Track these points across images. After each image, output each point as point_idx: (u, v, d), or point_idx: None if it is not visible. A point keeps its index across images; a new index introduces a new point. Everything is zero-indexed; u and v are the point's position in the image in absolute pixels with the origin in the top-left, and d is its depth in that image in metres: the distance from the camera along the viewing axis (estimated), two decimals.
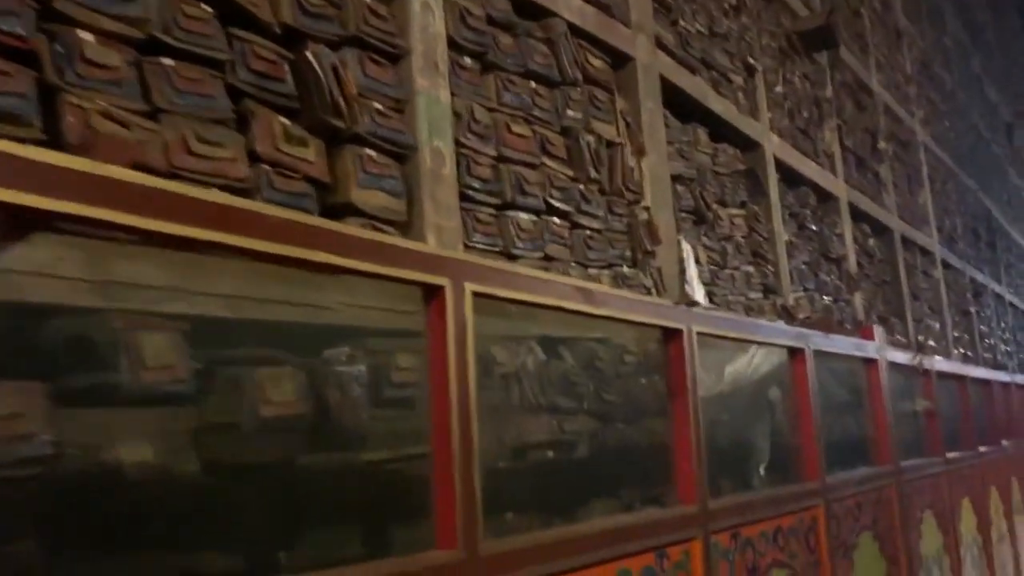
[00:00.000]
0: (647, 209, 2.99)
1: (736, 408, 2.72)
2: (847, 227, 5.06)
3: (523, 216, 2.36)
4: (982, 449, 4.35)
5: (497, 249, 2.25)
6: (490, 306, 2.06)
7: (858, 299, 4.97)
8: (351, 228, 1.57)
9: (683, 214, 3.33)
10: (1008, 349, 9.30)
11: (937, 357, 4.06)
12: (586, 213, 2.67)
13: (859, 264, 5.32)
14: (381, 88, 1.95)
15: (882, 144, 5.98)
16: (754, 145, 4.04)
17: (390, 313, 1.78)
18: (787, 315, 3.83)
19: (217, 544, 1.41)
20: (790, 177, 4.46)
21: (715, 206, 3.61)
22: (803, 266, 4.43)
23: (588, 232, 2.66)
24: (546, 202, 2.47)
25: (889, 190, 6.06)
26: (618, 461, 2.45)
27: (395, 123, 1.96)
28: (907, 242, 6.31)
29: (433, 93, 2.06)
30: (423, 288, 1.30)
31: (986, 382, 4.88)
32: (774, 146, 4.20)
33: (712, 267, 3.44)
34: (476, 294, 1.39)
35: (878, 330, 3.07)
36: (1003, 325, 9.31)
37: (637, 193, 2.97)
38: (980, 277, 8.47)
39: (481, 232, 2.21)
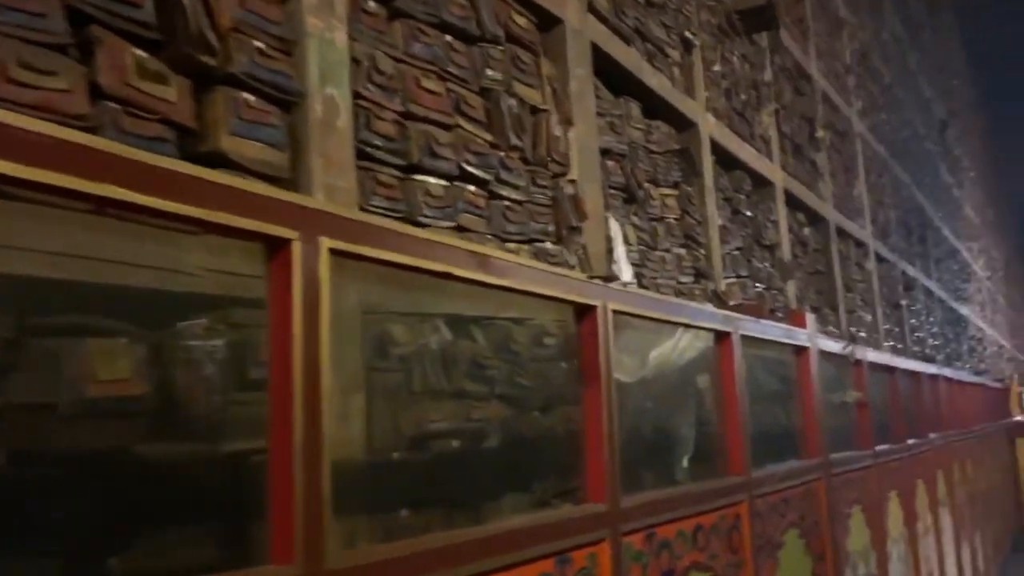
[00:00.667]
0: (573, 182, 2.79)
1: (661, 396, 2.55)
2: (782, 214, 4.95)
3: (433, 181, 2.14)
4: (910, 442, 4.29)
5: (400, 215, 2.02)
6: (387, 276, 1.84)
7: (791, 288, 4.87)
8: (217, 175, 1.33)
9: (612, 191, 3.14)
10: (936, 343, 9.40)
11: (868, 348, 3.96)
12: (506, 183, 2.46)
13: (793, 253, 5.22)
14: (264, 25, 1.71)
15: (820, 132, 5.90)
16: (689, 124, 3.88)
17: (261, 280, 1.55)
18: (718, 301, 3.68)
19: (26, 550, 1.17)
20: (726, 160, 4.32)
21: (647, 185, 3.43)
22: (736, 252, 4.30)
23: (507, 203, 2.46)
24: (460, 167, 2.26)
25: (826, 179, 5.99)
26: (531, 452, 2.25)
27: (280, 65, 1.72)
28: (842, 233, 6.26)
29: (327, 35, 1.83)
30: (265, 242, 1.06)
31: (915, 374, 4.83)
32: (710, 127, 4.05)
33: (642, 248, 3.27)
34: (334, 251, 1.15)
35: (810, 318, 2.94)
36: (932, 319, 9.41)
37: (563, 165, 2.77)
38: (911, 271, 8.52)
39: (383, 196, 1.98)
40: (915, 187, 9.35)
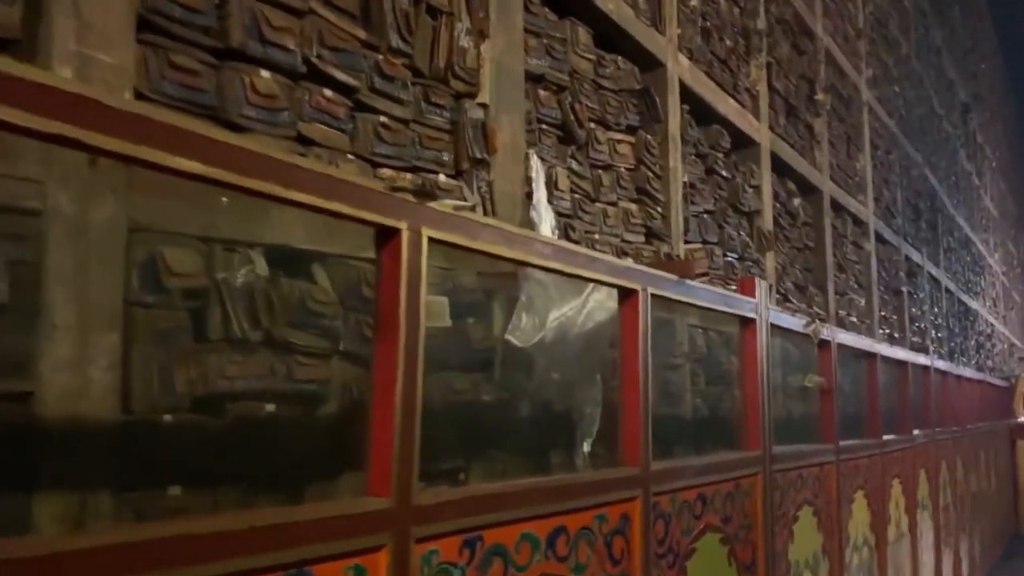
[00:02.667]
0: (483, 107, 2.34)
1: (560, 365, 2.10)
2: (766, 179, 4.47)
3: (263, 74, 1.69)
4: (887, 438, 3.83)
5: (204, 111, 1.58)
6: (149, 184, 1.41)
7: (770, 261, 4.40)
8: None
9: (543, 127, 2.68)
10: (939, 335, 8.90)
11: (841, 330, 3.49)
12: (383, 94, 2.02)
13: (777, 223, 4.75)
14: None
15: (820, 95, 5.39)
16: (655, 63, 3.40)
17: None
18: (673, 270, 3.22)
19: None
20: (701, 111, 3.84)
21: (591, 125, 2.97)
22: (705, 215, 3.83)
23: (383, 119, 2.01)
24: (309, 63, 1.81)
25: (823, 148, 5.48)
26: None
27: None
28: (838, 207, 5.77)
29: None
30: None
31: (902, 364, 4.36)
32: (681, 69, 3.56)
33: (578, 196, 2.82)
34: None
35: (761, 285, 2.48)
36: (936, 310, 8.90)
37: (471, 84, 2.31)
38: (916, 257, 8.01)
39: (178, 83, 1.54)
40: (928, 169, 8.80)
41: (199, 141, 0.95)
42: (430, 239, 1.23)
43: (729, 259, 3.97)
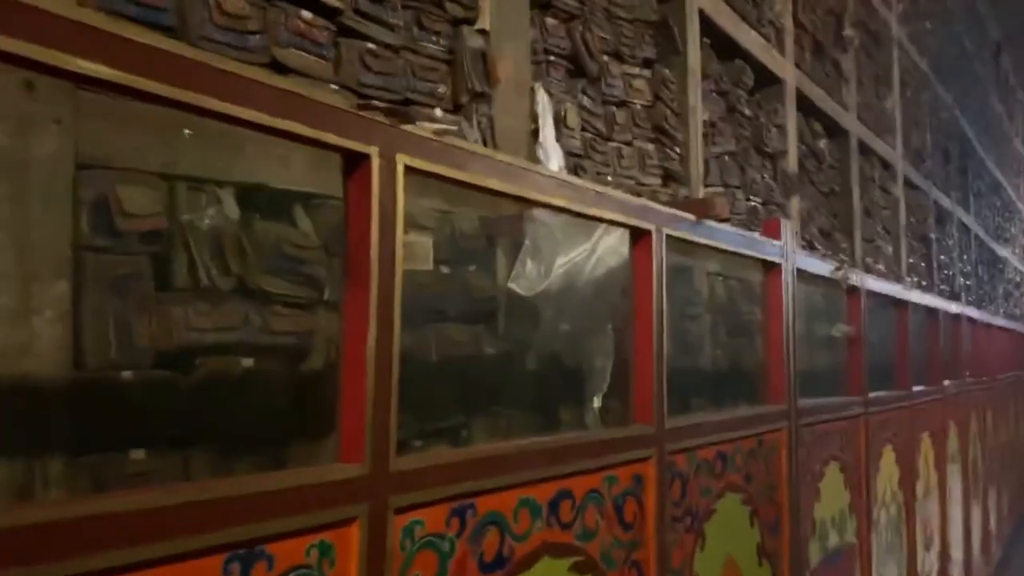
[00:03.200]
0: (483, 34, 2.14)
1: (568, 315, 1.94)
2: (791, 119, 4.24)
3: None
4: (917, 389, 3.65)
5: (166, 32, 1.40)
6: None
7: (795, 205, 4.19)
8: None
9: (551, 57, 2.49)
10: (968, 283, 8.65)
11: (871, 276, 3.30)
12: (370, 17, 1.83)
13: (802, 165, 4.52)
14: None
15: (848, 31, 5.11)
16: None
17: None
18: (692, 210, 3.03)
19: None
20: (723, 45, 3.61)
21: (605, 58, 2.76)
22: (726, 156, 3.63)
23: (370, 46, 1.83)
24: None
25: (850, 87, 5.22)
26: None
27: None
28: (865, 149, 5.52)
29: None
30: None
31: (932, 311, 4.16)
32: None
33: (589, 135, 2.63)
34: None
35: (786, 226, 2.29)
36: (965, 257, 8.64)
37: (469, 9, 2.12)
38: (946, 203, 7.73)
39: None
40: (959, 111, 8.47)
41: (109, 40, 0.78)
42: (407, 168, 1.06)
43: (752, 203, 3.77)
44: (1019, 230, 12.94)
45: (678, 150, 3.13)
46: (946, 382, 4.30)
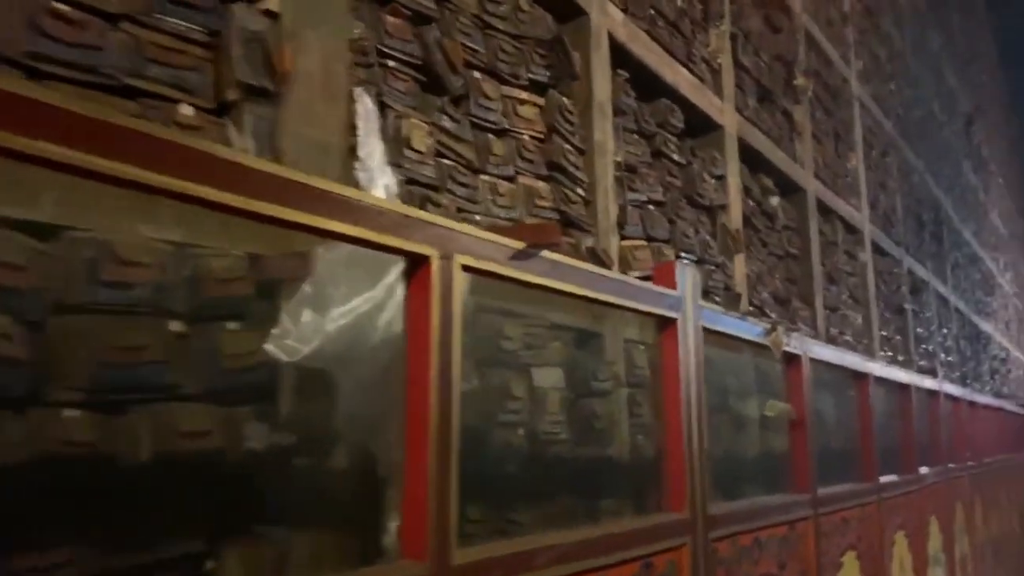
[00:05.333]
0: (272, 17, 1.62)
1: (355, 387, 1.36)
2: (733, 169, 3.74)
3: None
4: (887, 480, 3.05)
5: None
6: None
7: (740, 266, 3.65)
8: None
9: (391, 63, 1.96)
10: (950, 359, 8.11)
11: (818, 343, 2.74)
12: None
13: (751, 225, 4.01)
14: None
15: (800, 80, 4.68)
16: (575, 10, 2.70)
17: None
18: (599, 262, 2.49)
19: None
20: (644, 79, 3.13)
21: (476, 75, 2.25)
22: (651, 206, 3.10)
23: (55, 5, 1.29)
24: None
25: (805, 141, 4.76)
26: None
27: None
28: (827, 210, 5.04)
29: None
30: None
31: (904, 388, 3.58)
32: (612, 22, 2.86)
33: (449, 163, 2.09)
34: None
35: (687, 273, 1.74)
36: (945, 331, 8.12)
37: None
38: (921, 272, 7.25)
39: None
40: (930, 176, 8.08)
41: None
42: None
43: (685, 260, 3.23)
44: (1000, 304, 12.49)
45: (581, 192, 2.60)
46: (923, 469, 3.70)
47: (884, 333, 5.91)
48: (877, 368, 3.20)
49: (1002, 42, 17.08)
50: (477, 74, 2.26)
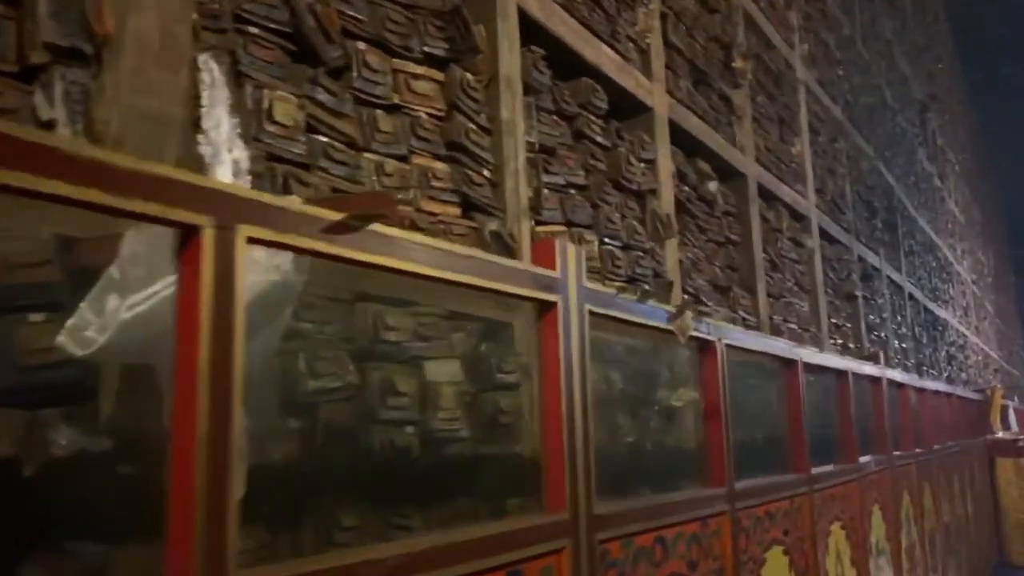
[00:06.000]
0: None
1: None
2: (663, 152, 3.61)
3: None
4: (820, 471, 2.94)
5: None
6: None
7: (672, 253, 3.52)
8: None
9: (253, 28, 1.80)
10: (904, 346, 8.07)
11: (737, 328, 2.61)
12: None
13: (685, 210, 3.89)
14: None
15: (739, 63, 4.56)
16: None
17: None
18: (504, 248, 2.34)
19: None
20: (562, 57, 2.99)
21: (361, 45, 2.09)
22: (572, 190, 2.96)
23: None
24: None
25: (745, 125, 4.65)
26: None
27: None
28: (769, 196, 4.93)
29: None
30: None
31: (840, 374, 3.47)
32: None
33: (326, 140, 1.93)
34: None
35: (569, 252, 1.60)
36: (900, 319, 8.08)
37: None
38: (873, 259, 7.19)
39: None
40: (882, 163, 8.03)
41: None
42: None
43: (609, 247, 3.09)
44: (958, 292, 12.53)
45: (486, 174, 2.45)
46: (864, 458, 3.59)
47: (834, 321, 5.83)
48: (807, 354, 3.08)
49: (959, 31, 17.19)
50: (361, 45, 2.10)
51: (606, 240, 3.09)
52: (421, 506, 1.66)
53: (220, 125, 1.59)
